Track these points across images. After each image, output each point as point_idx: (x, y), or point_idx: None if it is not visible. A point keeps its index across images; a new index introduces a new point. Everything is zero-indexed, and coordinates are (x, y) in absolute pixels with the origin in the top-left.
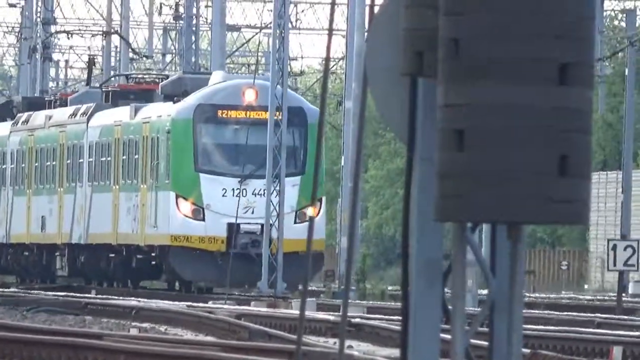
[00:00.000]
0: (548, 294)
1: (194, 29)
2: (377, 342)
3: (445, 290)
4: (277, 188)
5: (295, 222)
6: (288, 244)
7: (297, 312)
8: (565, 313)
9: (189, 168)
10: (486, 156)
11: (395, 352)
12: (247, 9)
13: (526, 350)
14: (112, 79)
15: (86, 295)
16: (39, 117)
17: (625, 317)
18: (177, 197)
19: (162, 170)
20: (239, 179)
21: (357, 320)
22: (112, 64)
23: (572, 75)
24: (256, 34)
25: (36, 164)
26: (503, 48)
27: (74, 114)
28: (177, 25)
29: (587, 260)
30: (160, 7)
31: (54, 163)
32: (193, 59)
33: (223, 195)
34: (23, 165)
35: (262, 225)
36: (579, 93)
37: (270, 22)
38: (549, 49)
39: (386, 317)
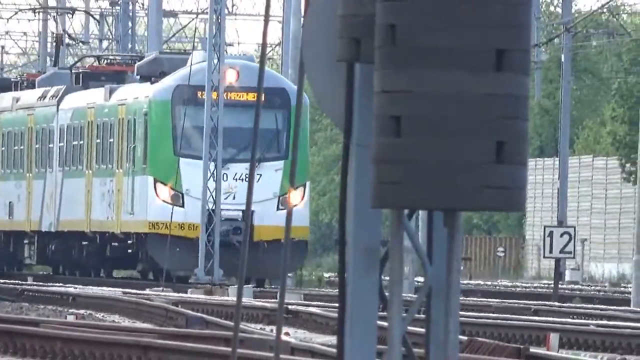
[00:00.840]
0: (484, 281)
1: (130, 14)
2: (314, 329)
3: (383, 277)
4: (260, 173)
5: (278, 209)
6: (270, 231)
7: (234, 299)
8: (502, 300)
9: (168, 152)
10: (423, 143)
11: (332, 339)
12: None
13: (463, 338)
14: (81, 60)
15: (23, 282)
16: (5, 99)
17: (562, 304)
18: (155, 182)
19: (139, 154)
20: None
21: (294, 307)
22: (49, 49)
23: (508, 61)
24: (192, 19)
25: (2, 148)
26: (440, 35)
27: (42, 96)
28: (114, 11)
29: (524, 247)
30: None
31: (22, 147)
32: (130, 45)
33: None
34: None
35: (243, 211)
36: (515, 79)
37: (207, 8)
38: (486, 35)
39: (323, 304)
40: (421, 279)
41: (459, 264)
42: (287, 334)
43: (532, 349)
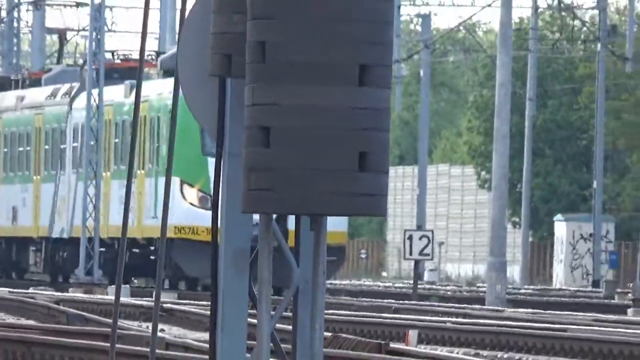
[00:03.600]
0: (348, 281)
1: (15, 32)
2: (187, 326)
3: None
4: None
5: None
6: None
7: (112, 297)
8: (365, 299)
9: (196, 151)
10: (290, 152)
11: (205, 335)
12: (65, 13)
13: (328, 334)
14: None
15: None
16: (7, 97)
17: (421, 302)
18: (181, 183)
19: (163, 153)
20: None
21: (169, 305)
22: None
23: (371, 76)
24: (74, 36)
25: (5, 150)
26: (306, 51)
27: (52, 95)
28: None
29: (385, 250)
30: None
31: (28, 149)
32: (14, 60)
33: None
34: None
35: None
36: (377, 93)
37: (87, 25)
38: (350, 52)
39: (196, 302)
40: None
41: (324, 265)
42: (162, 330)
43: (393, 345)
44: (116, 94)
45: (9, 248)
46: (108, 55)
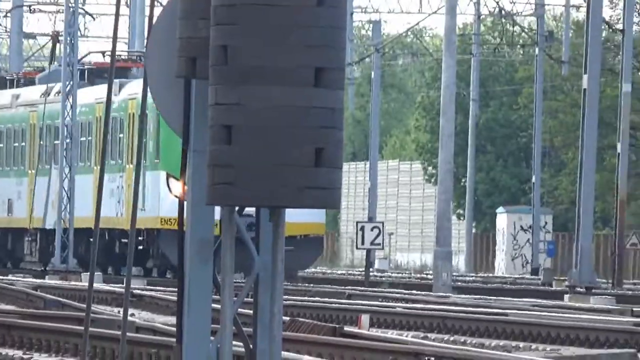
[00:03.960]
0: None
1: None
2: (156, 310)
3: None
4: None
5: None
6: (287, 228)
7: (86, 284)
8: (321, 285)
9: (181, 146)
10: (251, 149)
11: (172, 319)
12: (41, 18)
13: (286, 318)
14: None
15: None
16: (3, 96)
17: (372, 289)
18: (167, 177)
19: (150, 149)
20: None
21: (139, 291)
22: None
23: (325, 79)
24: (49, 41)
25: (0, 145)
26: (266, 55)
27: (46, 93)
28: None
29: (339, 240)
30: None
31: (23, 144)
32: None
33: None
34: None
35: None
36: (331, 94)
37: (62, 31)
38: (306, 56)
39: (164, 289)
40: None
41: (282, 254)
42: (132, 314)
43: (346, 328)
44: (105, 92)
45: (5, 238)
46: (98, 56)
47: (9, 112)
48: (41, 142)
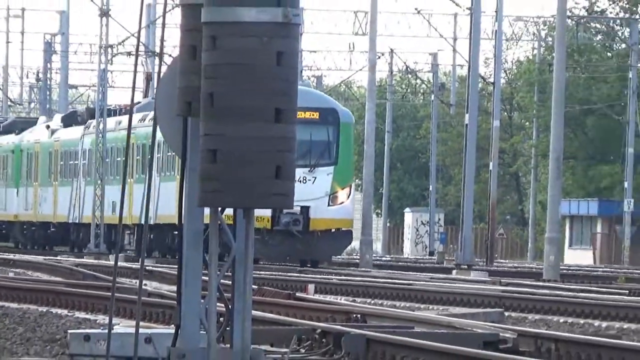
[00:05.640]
0: None
1: (48, 86)
2: (162, 281)
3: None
4: (315, 176)
5: (328, 205)
6: (323, 223)
7: (113, 262)
8: (279, 264)
9: None
10: (230, 167)
11: (174, 287)
12: (84, 72)
13: (255, 287)
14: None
15: None
16: (110, 122)
17: (317, 267)
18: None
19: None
20: None
21: (150, 267)
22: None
23: (283, 116)
24: (87, 90)
25: (107, 160)
26: (240, 99)
27: (142, 119)
28: (38, 84)
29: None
30: (27, 74)
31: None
32: (47, 106)
33: None
34: (93, 161)
35: (301, 207)
36: (287, 128)
37: (95, 83)
38: (269, 100)
39: (168, 266)
40: None
41: (252, 241)
42: (145, 285)
43: (298, 294)
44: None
45: (110, 232)
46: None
47: (112, 134)
48: (138, 157)
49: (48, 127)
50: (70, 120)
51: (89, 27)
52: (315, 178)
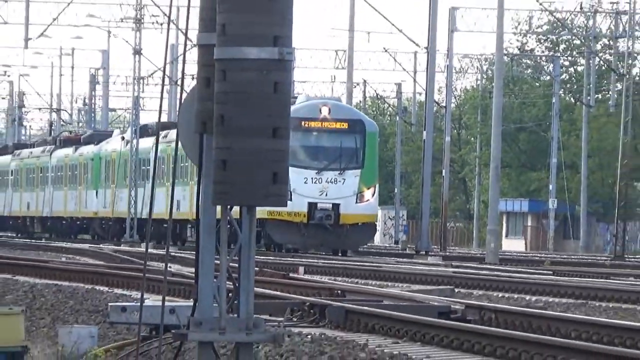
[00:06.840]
0: None
1: (93, 110)
2: (183, 264)
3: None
4: (344, 178)
5: (356, 202)
6: (351, 218)
7: (144, 249)
8: (276, 251)
9: None
10: (238, 173)
11: (192, 269)
12: (121, 98)
13: (257, 269)
14: None
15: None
16: (173, 132)
17: (307, 252)
18: None
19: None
20: (316, 171)
21: (174, 253)
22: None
23: (279, 133)
24: (123, 112)
25: (172, 165)
26: (246, 119)
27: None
28: (85, 107)
29: None
30: (76, 100)
31: (186, 164)
32: (93, 125)
33: (305, 182)
34: (163, 166)
35: (333, 204)
36: (282, 142)
37: (129, 107)
38: (267, 120)
39: (188, 252)
40: None
41: (254, 233)
42: (170, 267)
43: (291, 274)
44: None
45: (175, 226)
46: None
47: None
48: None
49: (123, 138)
50: (141, 132)
51: (125, 63)
52: (345, 179)
